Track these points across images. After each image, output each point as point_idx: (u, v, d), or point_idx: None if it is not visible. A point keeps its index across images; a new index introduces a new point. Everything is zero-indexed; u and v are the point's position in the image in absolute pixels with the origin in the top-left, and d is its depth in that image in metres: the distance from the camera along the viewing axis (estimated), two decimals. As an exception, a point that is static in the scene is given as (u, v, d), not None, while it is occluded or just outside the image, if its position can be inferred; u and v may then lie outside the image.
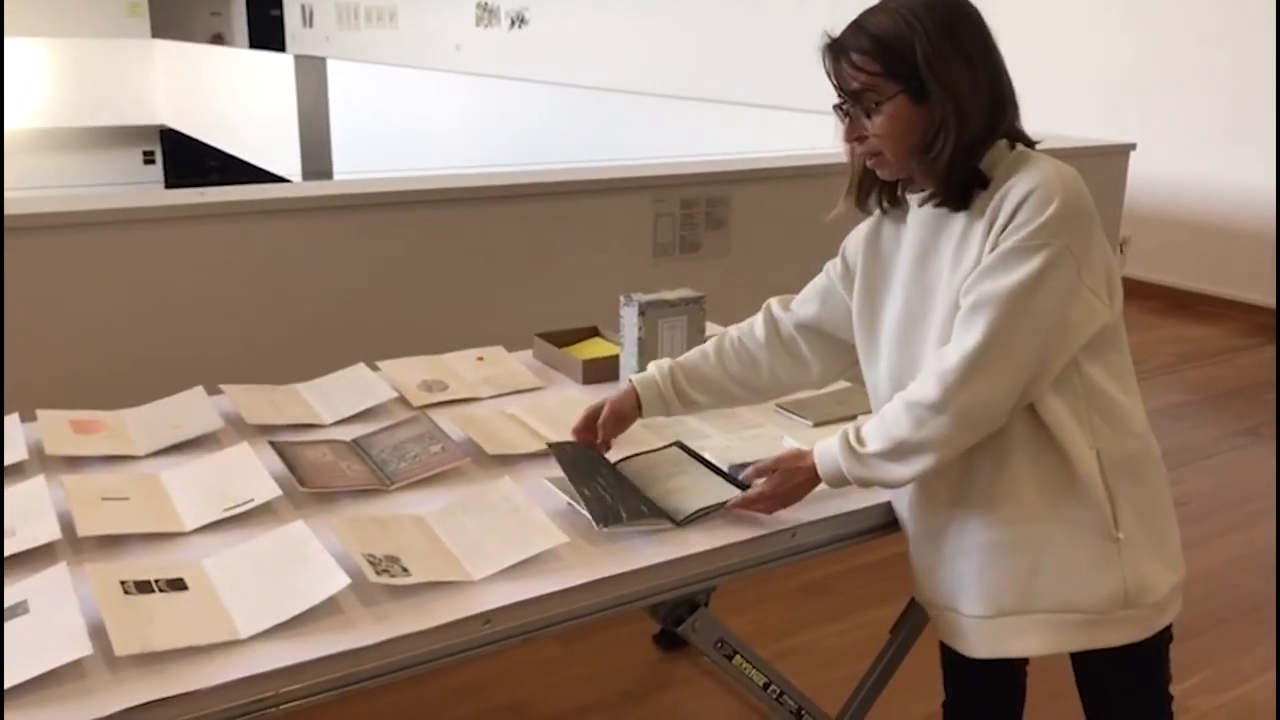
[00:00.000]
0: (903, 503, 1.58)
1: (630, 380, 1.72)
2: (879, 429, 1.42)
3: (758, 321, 1.73)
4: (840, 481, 1.48)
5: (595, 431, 1.69)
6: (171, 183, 14.65)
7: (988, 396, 1.34)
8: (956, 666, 1.74)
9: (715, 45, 8.82)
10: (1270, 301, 5.63)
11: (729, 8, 8.70)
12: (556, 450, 1.64)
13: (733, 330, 1.75)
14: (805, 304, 1.70)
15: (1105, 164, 4.16)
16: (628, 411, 1.70)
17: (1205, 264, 5.98)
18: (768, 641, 2.66)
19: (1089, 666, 1.55)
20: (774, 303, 1.74)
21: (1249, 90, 5.61)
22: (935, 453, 1.38)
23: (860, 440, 1.44)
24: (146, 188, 14.20)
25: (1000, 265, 1.33)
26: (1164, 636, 1.51)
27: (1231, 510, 3.45)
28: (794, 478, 1.52)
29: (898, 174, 1.44)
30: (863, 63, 1.36)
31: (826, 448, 1.48)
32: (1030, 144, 1.43)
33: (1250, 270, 5.75)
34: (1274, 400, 4.49)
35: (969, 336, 1.34)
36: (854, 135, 1.41)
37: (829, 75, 1.41)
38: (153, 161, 15.18)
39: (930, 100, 1.34)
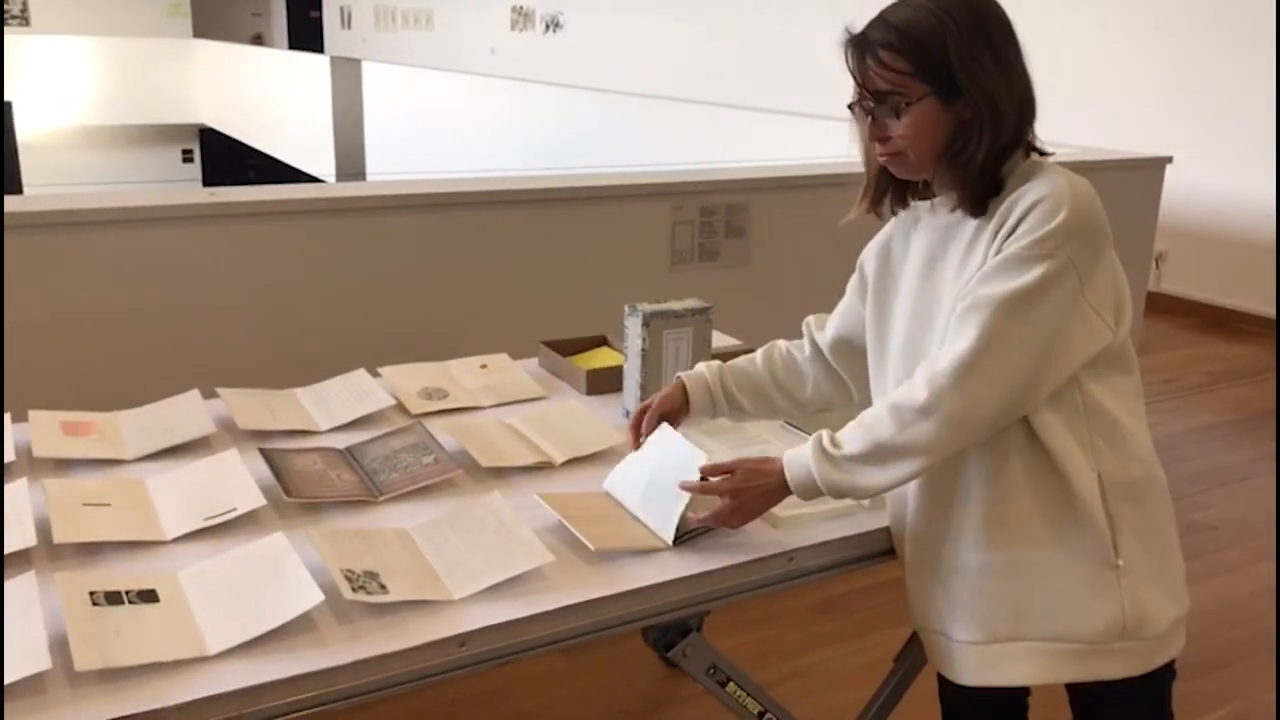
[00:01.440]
0: (899, 523, 1.52)
1: (679, 377, 1.69)
2: (858, 432, 1.36)
3: (804, 337, 1.71)
4: (811, 490, 1.39)
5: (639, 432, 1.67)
6: (209, 181, 14.81)
7: (977, 403, 1.28)
8: (954, 698, 1.67)
9: (748, 51, 8.75)
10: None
11: (762, 13, 8.64)
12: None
13: (781, 342, 1.72)
14: (833, 323, 1.66)
15: (1141, 177, 4.06)
16: (675, 411, 1.67)
17: (1242, 281, 5.84)
18: (777, 661, 2.60)
19: (1086, 701, 1.50)
20: (811, 320, 1.71)
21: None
22: (917, 458, 1.31)
23: (835, 443, 1.37)
24: (184, 186, 14.36)
25: (1000, 271, 1.28)
26: (1166, 673, 1.44)
27: (1264, 536, 3.34)
28: (755, 480, 1.42)
29: (916, 175, 1.39)
30: (890, 60, 1.29)
31: (797, 453, 1.40)
32: (1043, 154, 1.37)
33: (1290, 288, 5.61)
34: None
35: (961, 340, 1.29)
36: (878, 135, 1.35)
37: (852, 73, 1.34)
38: (191, 160, 15.35)
39: (960, 101, 1.29)
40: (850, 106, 1.37)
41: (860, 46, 1.32)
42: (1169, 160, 4.10)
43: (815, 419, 1.87)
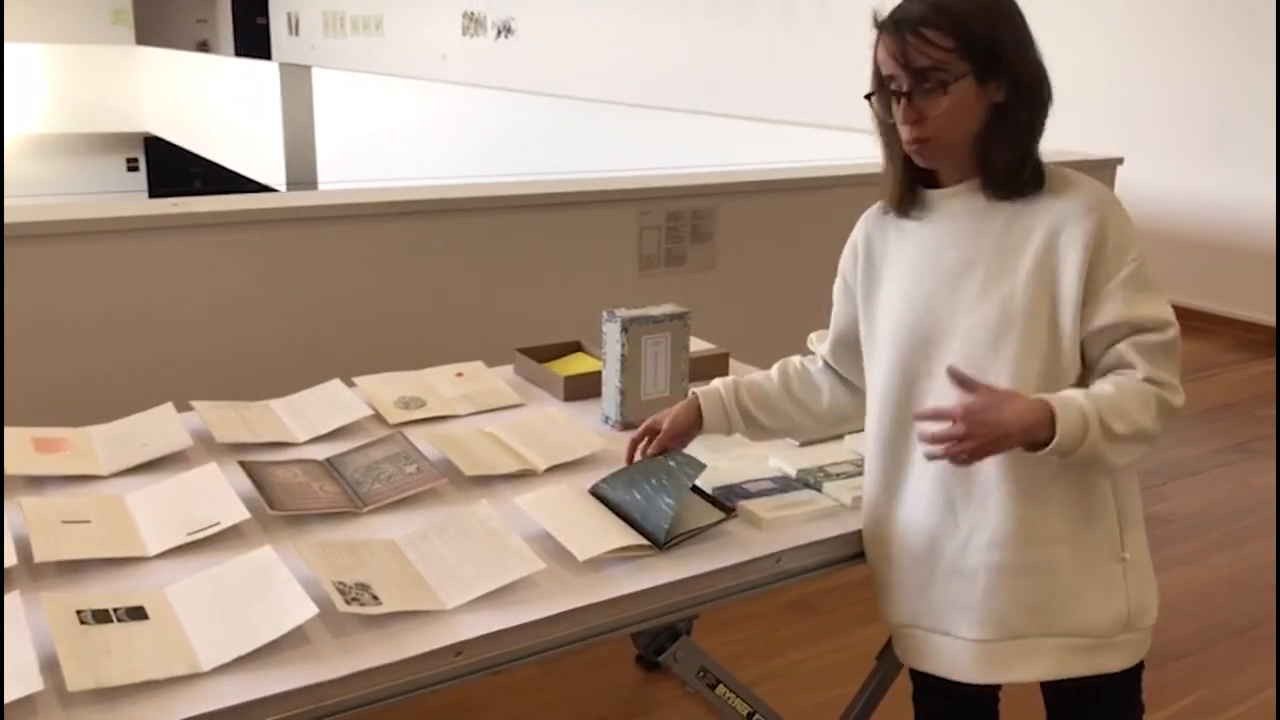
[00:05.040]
0: (879, 523, 1.52)
1: (694, 393, 1.66)
2: (1126, 405, 1.30)
3: (814, 352, 1.70)
4: (1068, 449, 1.26)
5: (634, 447, 1.65)
6: (155, 191, 14.58)
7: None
8: (930, 695, 1.70)
9: (702, 57, 8.79)
10: (1258, 316, 5.62)
11: (717, 20, 8.68)
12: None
13: (795, 358, 1.70)
14: (830, 331, 1.65)
15: (1093, 177, 4.13)
16: (689, 427, 1.64)
17: (1192, 279, 5.97)
18: (753, 662, 2.61)
19: (1064, 697, 1.52)
20: (814, 336, 1.70)
21: (1236, 104, 5.61)
22: (1147, 447, 1.34)
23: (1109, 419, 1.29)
24: (130, 195, 14.13)
25: (1137, 292, 1.34)
26: (1141, 664, 1.48)
27: (1221, 528, 3.42)
28: (1004, 405, 1.27)
29: (940, 161, 1.37)
30: (935, 37, 1.28)
31: (1071, 406, 1.27)
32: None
33: (1237, 285, 5.75)
34: (1264, 416, 4.47)
35: (1157, 354, 1.33)
36: (911, 117, 1.32)
37: (890, 51, 1.31)
38: (136, 169, 15.11)
39: (993, 83, 1.31)
40: (868, 97, 1.36)
41: (899, 24, 1.30)
42: (1120, 161, 4.19)
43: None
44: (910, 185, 1.43)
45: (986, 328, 1.35)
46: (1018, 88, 1.31)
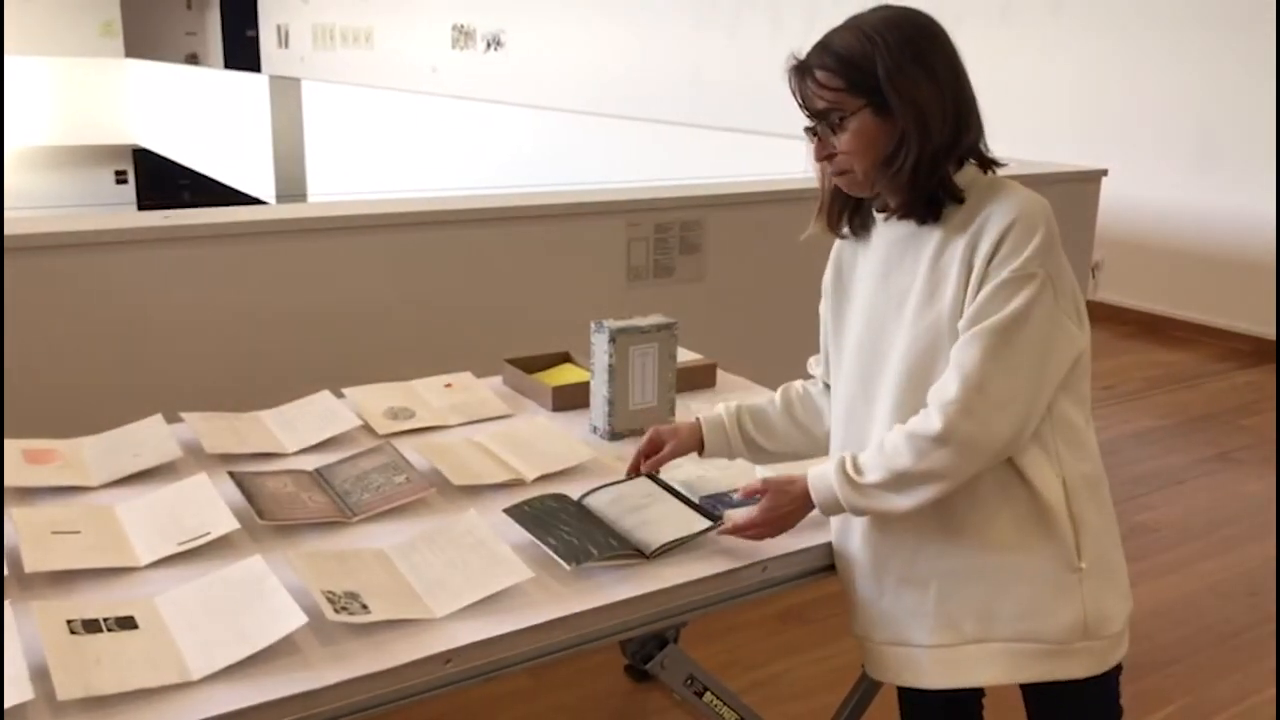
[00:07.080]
0: (848, 532, 1.55)
1: (698, 419, 1.69)
2: (878, 460, 1.39)
3: (815, 377, 1.72)
4: (835, 509, 1.44)
5: (643, 460, 1.68)
6: (144, 203, 14.56)
7: (989, 426, 1.33)
8: (914, 704, 1.72)
9: (691, 69, 8.84)
10: (1241, 326, 5.67)
11: (705, 32, 8.73)
12: (514, 513, 1.58)
13: (797, 383, 1.73)
14: (821, 350, 1.68)
15: (1078, 189, 4.17)
16: (689, 449, 1.68)
17: (1176, 289, 6.02)
18: (742, 671, 2.62)
19: (1042, 701, 1.54)
20: (813, 360, 1.72)
21: (1219, 115, 5.66)
22: (939, 483, 1.36)
23: (858, 470, 1.41)
24: (118, 208, 14.10)
25: (993, 299, 1.33)
26: (1117, 671, 1.50)
27: (1204, 537, 3.45)
28: (783, 500, 1.48)
29: (865, 191, 1.43)
30: (826, 80, 1.37)
31: (821, 475, 1.44)
32: (997, 165, 1.43)
33: (1221, 295, 5.80)
34: (1247, 425, 4.51)
35: (968, 368, 1.33)
36: (823, 154, 1.42)
37: (795, 96, 1.42)
38: (125, 181, 15.09)
39: (893, 114, 1.35)
40: (806, 130, 1.43)
41: (800, 71, 1.40)
42: (1104, 173, 4.23)
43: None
44: (855, 210, 1.49)
45: (922, 349, 1.40)
46: (919, 116, 1.34)
